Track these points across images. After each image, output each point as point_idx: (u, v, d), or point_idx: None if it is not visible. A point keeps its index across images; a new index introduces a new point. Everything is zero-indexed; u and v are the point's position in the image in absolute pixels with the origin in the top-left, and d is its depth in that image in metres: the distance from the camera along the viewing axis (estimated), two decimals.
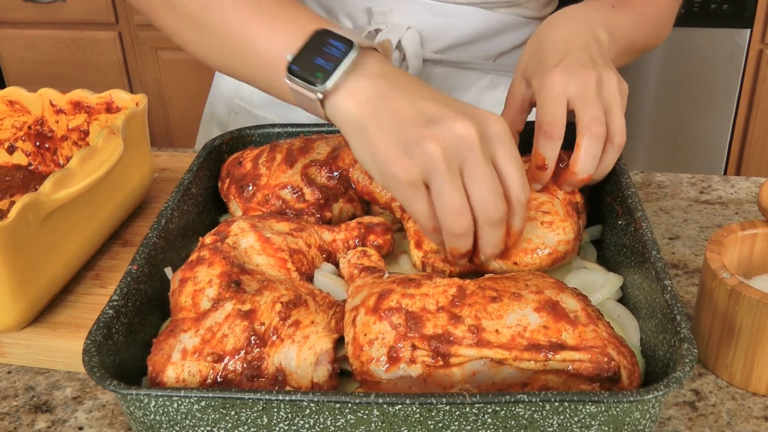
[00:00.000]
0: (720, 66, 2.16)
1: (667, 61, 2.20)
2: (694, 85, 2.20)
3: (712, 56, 2.15)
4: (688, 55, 2.17)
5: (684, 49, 2.17)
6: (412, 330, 0.59)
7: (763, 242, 0.71)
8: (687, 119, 2.26)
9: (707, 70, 2.17)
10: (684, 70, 2.19)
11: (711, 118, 2.23)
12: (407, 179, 0.62)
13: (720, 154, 2.28)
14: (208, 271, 0.65)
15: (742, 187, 0.94)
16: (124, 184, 0.85)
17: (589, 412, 0.54)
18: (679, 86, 2.22)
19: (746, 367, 0.66)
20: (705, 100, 2.21)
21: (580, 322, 0.61)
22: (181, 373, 0.58)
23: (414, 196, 0.63)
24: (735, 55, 2.12)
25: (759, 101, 2.14)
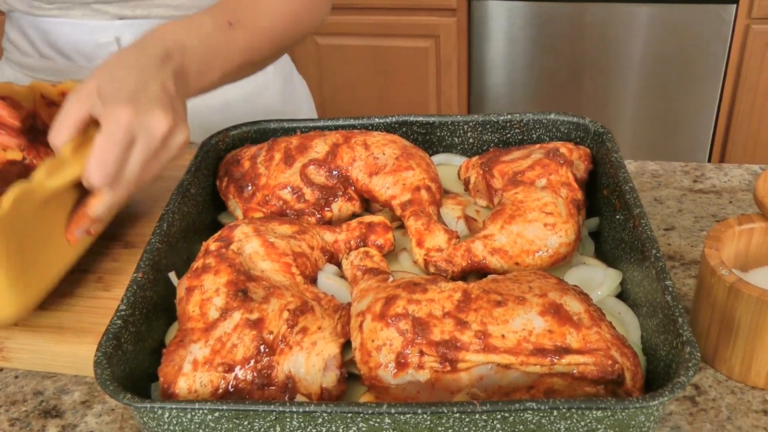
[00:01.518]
0: (706, 42, 2.16)
1: (652, 37, 2.20)
2: (681, 61, 2.21)
3: (698, 32, 2.15)
4: (674, 31, 2.17)
5: (670, 25, 2.17)
6: (420, 336, 0.60)
7: (759, 236, 0.72)
8: (673, 96, 2.26)
9: (693, 46, 2.18)
10: (670, 47, 2.20)
11: (697, 94, 2.24)
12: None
13: (706, 130, 2.29)
14: (215, 279, 0.65)
15: (735, 175, 0.95)
16: None
17: (596, 417, 0.55)
18: (665, 62, 2.22)
19: (745, 362, 0.67)
20: (691, 76, 2.22)
21: (584, 324, 0.62)
22: (192, 384, 0.59)
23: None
24: (721, 30, 2.13)
25: (746, 77, 2.15)
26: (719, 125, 2.27)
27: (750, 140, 2.23)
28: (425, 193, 0.81)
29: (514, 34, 2.33)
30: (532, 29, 2.30)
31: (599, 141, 0.85)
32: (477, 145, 0.92)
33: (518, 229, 0.74)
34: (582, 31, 2.25)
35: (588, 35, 2.25)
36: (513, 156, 0.83)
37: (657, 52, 2.22)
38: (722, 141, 2.29)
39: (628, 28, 2.21)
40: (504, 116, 0.90)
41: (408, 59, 2.47)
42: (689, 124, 2.29)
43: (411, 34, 2.43)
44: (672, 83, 2.25)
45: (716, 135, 2.29)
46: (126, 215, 0.90)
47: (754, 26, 2.08)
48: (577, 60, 2.31)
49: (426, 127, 0.91)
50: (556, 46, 2.30)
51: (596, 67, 2.29)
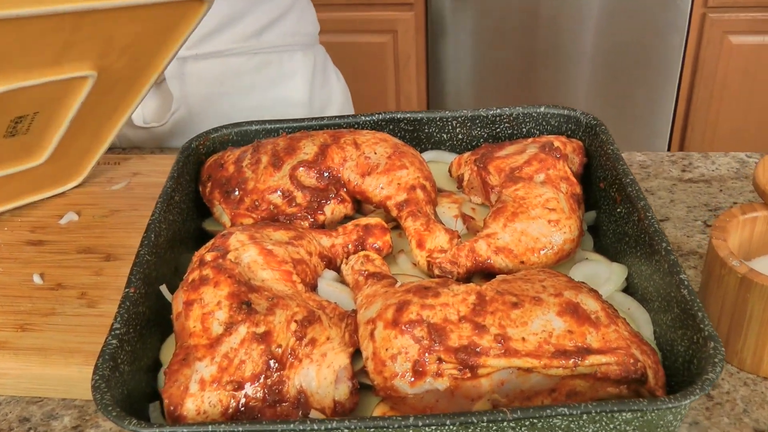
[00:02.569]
0: (663, 31, 2.18)
1: (607, 27, 2.21)
2: (638, 50, 2.23)
3: (655, 21, 2.18)
4: (631, 20, 2.19)
5: (626, 14, 2.18)
6: (437, 343, 0.58)
7: (762, 225, 0.72)
8: (631, 84, 2.28)
9: (650, 35, 2.20)
10: (626, 36, 2.21)
11: (655, 82, 2.26)
12: None
13: (665, 118, 2.32)
14: (215, 291, 0.62)
15: (723, 163, 0.95)
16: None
17: (625, 419, 0.54)
18: (622, 52, 2.24)
19: (757, 353, 0.67)
20: (649, 64, 2.24)
21: (602, 323, 0.60)
22: (201, 405, 0.56)
23: None
24: (678, 19, 2.15)
25: (703, 65, 2.18)
26: (678, 113, 2.30)
27: (709, 127, 2.27)
28: (421, 192, 0.78)
29: (471, 27, 2.33)
30: (488, 21, 2.30)
31: (592, 133, 0.84)
32: (466, 140, 0.90)
33: (522, 227, 0.72)
34: (536, 23, 2.26)
35: (542, 27, 2.26)
36: (507, 151, 0.82)
37: (613, 42, 2.23)
38: (681, 129, 2.32)
39: (582, 18, 2.22)
40: (493, 110, 0.88)
41: (366, 55, 2.44)
42: (648, 113, 2.32)
43: (368, 29, 2.41)
44: (630, 72, 2.27)
45: (675, 123, 2.32)
46: (103, 226, 0.85)
47: (711, 15, 2.11)
48: (533, 51, 2.31)
49: (414, 124, 0.89)
50: (514, 38, 2.30)
51: (553, 58, 2.30)
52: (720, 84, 2.19)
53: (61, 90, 0.76)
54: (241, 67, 1.12)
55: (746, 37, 2.12)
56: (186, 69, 1.09)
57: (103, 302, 0.74)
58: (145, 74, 0.85)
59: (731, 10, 2.10)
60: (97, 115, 0.85)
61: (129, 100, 0.87)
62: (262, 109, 1.13)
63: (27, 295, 0.76)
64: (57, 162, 0.86)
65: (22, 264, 0.80)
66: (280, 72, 1.16)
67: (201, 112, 1.11)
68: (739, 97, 2.20)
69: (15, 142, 0.80)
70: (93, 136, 0.89)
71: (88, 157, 0.91)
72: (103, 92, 0.81)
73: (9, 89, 0.69)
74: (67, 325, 0.72)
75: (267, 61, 1.14)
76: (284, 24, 1.14)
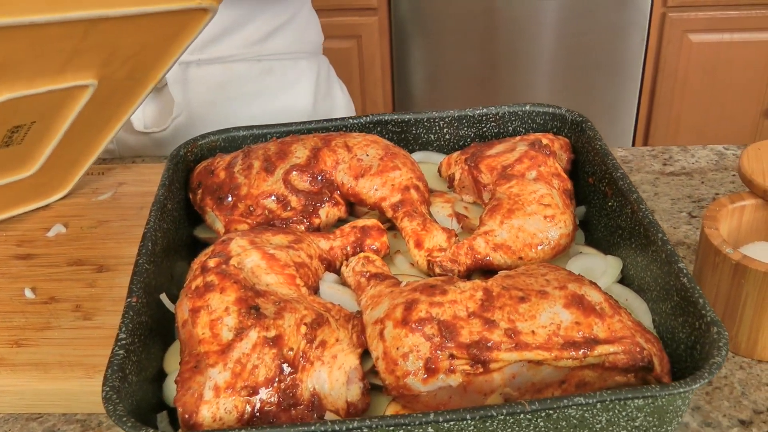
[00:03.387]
0: (624, 30, 2.23)
1: (568, 27, 2.25)
2: (600, 50, 2.27)
3: (615, 21, 2.22)
4: (591, 21, 2.23)
5: (586, 15, 2.22)
6: (448, 339, 0.58)
7: (750, 213, 0.74)
8: (594, 84, 2.33)
9: (612, 35, 2.24)
10: (588, 36, 2.25)
11: (618, 81, 2.31)
12: None
13: (629, 115, 2.36)
14: (222, 297, 0.61)
15: (702, 156, 0.97)
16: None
17: (637, 405, 0.55)
18: (584, 52, 2.28)
19: (751, 337, 0.68)
20: (611, 63, 2.28)
21: (606, 313, 0.61)
22: (217, 412, 0.55)
23: None
24: (638, 19, 2.20)
25: (665, 63, 2.22)
26: (641, 111, 2.35)
27: (672, 123, 2.32)
28: (415, 192, 0.79)
29: (433, 31, 2.34)
30: (449, 24, 2.32)
31: (578, 130, 0.85)
32: (453, 140, 0.90)
33: (519, 223, 0.73)
34: (495, 25, 2.29)
35: (501, 29, 2.29)
36: (497, 150, 0.83)
37: (574, 42, 2.27)
38: (645, 126, 2.37)
39: (540, 20, 2.25)
40: (480, 110, 0.89)
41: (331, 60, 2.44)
42: (612, 111, 2.36)
43: (333, 35, 2.40)
44: (592, 72, 2.31)
45: (639, 120, 2.37)
46: (93, 238, 0.84)
47: (671, 14, 2.16)
48: (494, 54, 2.34)
49: (401, 126, 0.89)
50: (475, 41, 2.33)
51: (513, 59, 2.33)
52: (681, 81, 2.24)
53: (61, 99, 0.75)
54: (244, 73, 1.11)
55: (705, 35, 2.18)
56: (189, 74, 1.08)
57: (100, 314, 0.73)
58: (142, 84, 0.84)
59: (690, 9, 2.15)
60: (91, 125, 0.84)
61: (123, 111, 0.86)
62: (265, 116, 1.12)
63: (19, 310, 0.74)
64: (45, 174, 0.85)
65: (12, 279, 0.78)
66: (284, 80, 1.15)
67: (203, 118, 1.10)
68: (699, 94, 2.26)
69: (8, 152, 0.79)
70: (83, 147, 0.87)
71: (75, 168, 0.90)
72: (99, 102, 0.80)
73: (12, 98, 0.68)
74: (64, 338, 0.71)
75: (271, 68, 1.13)
76: (288, 32, 1.13)
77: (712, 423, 0.64)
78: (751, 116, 2.28)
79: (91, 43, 0.70)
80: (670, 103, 2.29)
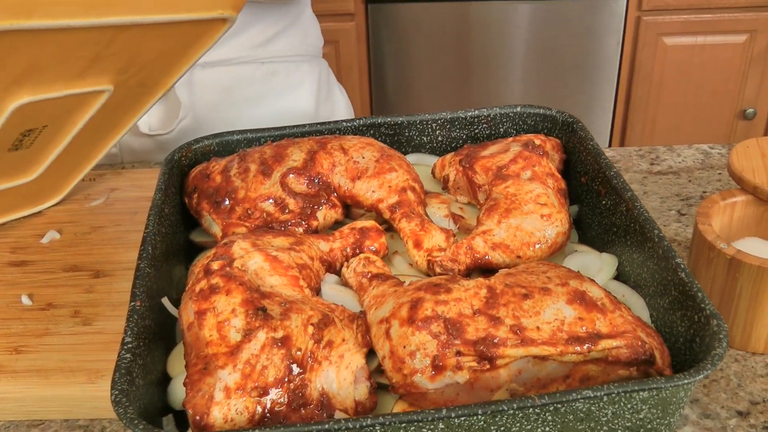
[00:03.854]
0: (599, 34, 2.26)
1: (542, 32, 2.28)
2: (576, 53, 2.30)
3: (591, 26, 2.25)
4: (566, 25, 2.26)
5: (560, 20, 2.25)
6: (455, 337, 0.59)
7: (741, 209, 0.75)
8: (571, 86, 2.35)
9: (587, 38, 2.27)
10: (563, 40, 2.28)
11: (595, 83, 2.34)
12: None
13: (605, 117, 2.40)
14: (228, 299, 0.61)
15: (688, 155, 0.99)
16: None
17: (642, 398, 0.56)
18: (559, 55, 2.31)
19: (746, 330, 0.70)
20: (588, 66, 2.32)
21: (608, 308, 0.62)
22: (228, 413, 0.55)
23: None
24: (613, 23, 2.23)
25: (640, 66, 2.26)
26: (617, 113, 2.38)
27: (648, 125, 2.35)
28: (411, 193, 0.79)
29: (409, 35, 2.36)
30: (425, 29, 2.34)
31: (569, 130, 0.87)
32: (446, 142, 0.91)
33: (516, 222, 0.74)
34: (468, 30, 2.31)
35: (474, 33, 2.32)
36: (491, 151, 0.84)
37: (549, 46, 2.30)
38: (621, 128, 2.40)
39: (512, 25, 2.28)
40: (472, 112, 0.90)
41: None
42: (589, 113, 2.39)
43: None
44: (568, 75, 2.34)
45: (615, 122, 2.40)
46: (88, 243, 0.84)
47: (645, 17, 2.20)
48: (468, 58, 2.36)
49: (394, 128, 0.90)
50: (450, 45, 2.35)
51: (487, 63, 2.35)
52: (657, 83, 2.28)
53: (76, 104, 0.75)
54: (248, 76, 1.12)
55: (679, 38, 2.21)
56: (194, 77, 1.08)
57: (99, 319, 0.73)
58: (152, 92, 0.84)
59: (664, 12, 2.19)
60: (97, 131, 0.84)
61: (129, 118, 0.86)
62: (269, 118, 1.13)
63: (17, 317, 0.74)
64: (42, 180, 0.84)
65: (7, 286, 0.78)
66: (287, 82, 1.16)
67: (208, 121, 1.10)
68: (674, 96, 2.30)
69: (15, 156, 0.78)
70: (86, 153, 0.87)
71: (72, 174, 0.89)
72: (109, 108, 0.80)
73: (32, 101, 0.68)
74: (64, 344, 0.70)
75: (274, 70, 1.14)
76: (290, 35, 1.15)
77: (710, 415, 0.66)
78: (725, 117, 2.32)
79: (114, 49, 0.70)
80: (645, 105, 2.32)
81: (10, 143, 0.75)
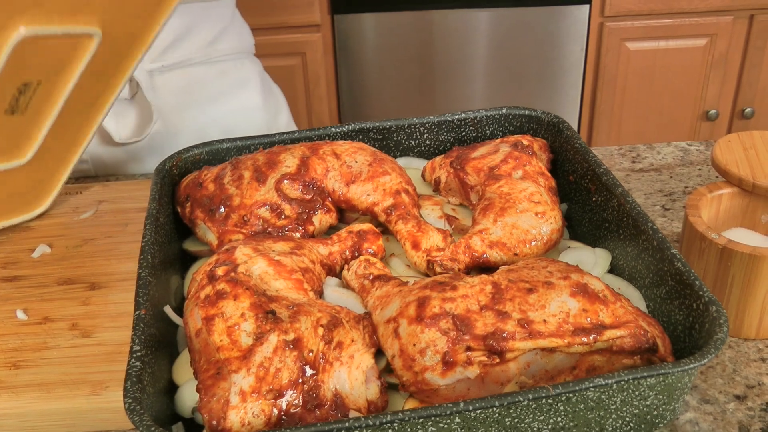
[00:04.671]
0: (563, 41, 2.30)
1: (505, 39, 2.31)
2: (540, 60, 2.34)
3: (556, 32, 2.29)
4: (529, 33, 2.30)
5: (523, 28, 2.29)
6: (464, 332, 0.60)
7: (727, 201, 0.78)
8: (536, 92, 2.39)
9: (551, 45, 2.31)
10: (527, 47, 2.32)
11: (560, 89, 2.38)
12: None
13: (571, 123, 2.44)
14: (236, 304, 0.61)
15: (667, 153, 1.02)
16: None
17: (649, 384, 0.58)
18: (524, 62, 2.34)
19: (738, 317, 0.72)
20: (553, 73, 2.35)
21: (609, 300, 0.64)
22: (245, 416, 0.55)
23: None
24: (577, 29, 2.27)
25: (604, 71, 2.31)
26: (583, 117, 2.42)
27: (614, 129, 2.40)
28: (405, 196, 0.80)
29: (376, 45, 2.38)
30: (390, 39, 2.35)
31: (555, 131, 0.89)
32: (434, 145, 0.93)
33: (512, 221, 0.75)
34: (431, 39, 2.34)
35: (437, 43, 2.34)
36: (480, 152, 0.85)
37: (513, 53, 2.33)
38: (587, 131, 2.45)
39: (477, 31, 2.31)
40: (459, 115, 0.91)
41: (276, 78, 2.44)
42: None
43: (277, 53, 2.41)
44: (533, 81, 2.37)
45: (581, 126, 2.44)
46: (80, 256, 0.83)
47: (608, 23, 2.25)
48: (434, 65, 2.38)
49: (383, 133, 0.91)
50: (415, 53, 2.37)
51: (454, 70, 2.37)
52: (621, 88, 2.33)
53: (67, 53, 0.77)
54: (203, 76, 1.18)
55: (642, 42, 2.27)
56: (155, 81, 1.12)
57: (98, 331, 0.72)
58: (131, 54, 0.86)
59: (627, 18, 2.24)
60: (84, 104, 0.85)
61: (111, 88, 0.88)
62: (229, 115, 1.20)
63: (13, 332, 0.72)
64: (31, 173, 0.84)
65: (1, 301, 0.76)
66: (237, 79, 1.22)
67: (176, 124, 1.15)
68: (638, 99, 2.35)
69: (11, 123, 0.79)
70: (75, 132, 0.88)
71: (61, 168, 0.89)
72: (96, 69, 0.81)
73: (30, 35, 0.70)
74: (64, 357, 0.69)
75: (224, 69, 1.20)
76: (231, 33, 1.22)
77: (710, 400, 0.67)
78: (688, 119, 2.38)
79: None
80: (611, 109, 2.37)
81: (7, 101, 0.77)
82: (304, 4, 2.28)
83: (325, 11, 2.30)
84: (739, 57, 2.29)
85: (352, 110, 2.50)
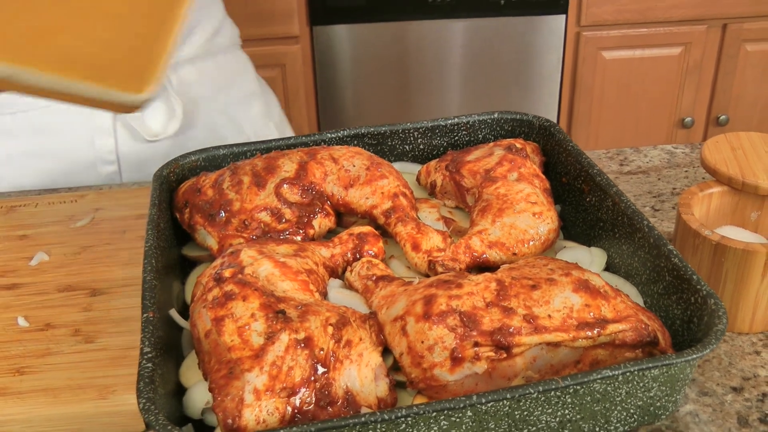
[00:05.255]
0: (540, 51, 2.34)
1: (481, 50, 2.34)
2: (517, 69, 2.37)
3: (532, 42, 2.33)
4: (506, 43, 2.33)
5: (499, 38, 2.32)
6: (471, 328, 0.61)
7: (717, 199, 0.80)
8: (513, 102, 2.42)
9: (527, 55, 2.34)
10: (503, 57, 2.35)
11: (538, 99, 2.41)
12: None
13: None
14: (246, 305, 0.62)
15: (654, 155, 1.04)
16: None
17: (653, 375, 0.59)
18: (500, 72, 2.37)
19: (732, 311, 0.74)
20: (530, 83, 2.39)
21: (610, 295, 0.65)
22: (260, 414, 0.56)
23: None
24: (554, 39, 2.31)
25: (581, 80, 2.35)
26: (561, 125, 2.46)
27: (591, 137, 2.44)
28: (403, 199, 0.81)
29: (355, 57, 2.39)
30: (368, 50, 2.38)
31: (547, 134, 0.90)
32: (427, 150, 0.94)
33: (510, 221, 0.76)
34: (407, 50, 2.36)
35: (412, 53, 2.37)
36: (475, 156, 0.86)
37: (489, 63, 2.36)
38: None
39: (451, 42, 2.34)
40: (452, 119, 0.93)
41: None
42: None
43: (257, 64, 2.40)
44: (510, 91, 2.41)
45: None
46: (79, 263, 0.82)
47: (585, 33, 2.29)
48: (411, 76, 2.40)
49: (377, 138, 0.92)
50: (394, 64, 2.39)
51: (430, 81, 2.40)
52: (598, 96, 2.37)
53: None
54: (208, 69, 1.22)
55: (618, 51, 2.31)
56: (173, 79, 1.16)
57: (102, 336, 0.72)
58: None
59: (603, 28, 2.28)
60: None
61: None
62: (233, 104, 1.24)
63: (15, 339, 0.72)
64: (126, 30, 0.62)
65: (1, 309, 0.76)
66: (236, 68, 1.28)
67: (191, 118, 1.18)
68: (615, 107, 2.39)
69: None
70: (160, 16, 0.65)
71: (154, 53, 0.62)
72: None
73: None
74: (68, 362, 0.69)
75: (224, 60, 1.25)
76: (225, 29, 1.27)
77: (708, 392, 0.69)
78: (664, 126, 2.42)
79: None
80: (588, 118, 2.41)
81: None
82: (284, 16, 2.30)
83: (304, 23, 2.31)
84: (713, 65, 2.34)
85: (331, 120, 2.51)
